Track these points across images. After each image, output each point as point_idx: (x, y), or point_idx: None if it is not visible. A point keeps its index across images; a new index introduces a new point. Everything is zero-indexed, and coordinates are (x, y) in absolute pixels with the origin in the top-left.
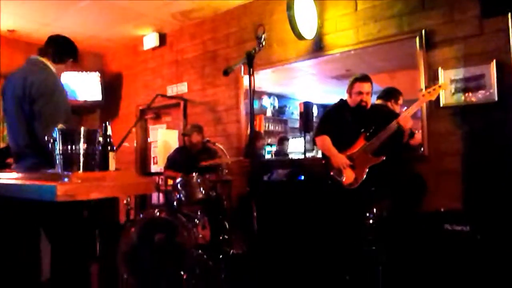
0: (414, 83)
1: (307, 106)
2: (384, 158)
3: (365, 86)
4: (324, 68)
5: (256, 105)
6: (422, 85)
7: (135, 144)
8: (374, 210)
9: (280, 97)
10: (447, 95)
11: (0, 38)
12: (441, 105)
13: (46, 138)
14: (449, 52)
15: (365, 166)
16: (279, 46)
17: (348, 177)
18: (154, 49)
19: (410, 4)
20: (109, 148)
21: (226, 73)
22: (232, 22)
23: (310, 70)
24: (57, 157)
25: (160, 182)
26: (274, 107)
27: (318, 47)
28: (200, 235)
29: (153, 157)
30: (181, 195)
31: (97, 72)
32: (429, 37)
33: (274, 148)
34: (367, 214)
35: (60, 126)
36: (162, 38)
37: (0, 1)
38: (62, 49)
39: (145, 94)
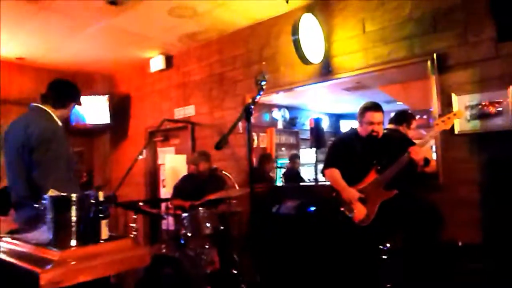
0: (427, 93)
1: (317, 121)
2: (397, 191)
3: (376, 116)
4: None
5: (266, 118)
6: (435, 111)
7: (144, 167)
8: (388, 244)
9: (291, 108)
10: (462, 122)
11: (11, 65)
12: (456, 132)
13: (45, 187)
14: (464, 76)
15: (377, 201)
16: (287, 69)
17: (359, 212)
18: (161, 71)
19: (421, 26)
20: (101, 215)
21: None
22: (238, 44)
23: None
24: (48, 224)
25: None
26: (285, 119)
27: (326, 71)
28: (209, 270)
29: (162, 180)
30: (187, 231)
31: (106, 96)
32: (441, 61)
33: (285, 161)
34: (380, 248)
35: (51, 191)
36: (169, 60)
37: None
38: (63, 94)
39: (153, 116)
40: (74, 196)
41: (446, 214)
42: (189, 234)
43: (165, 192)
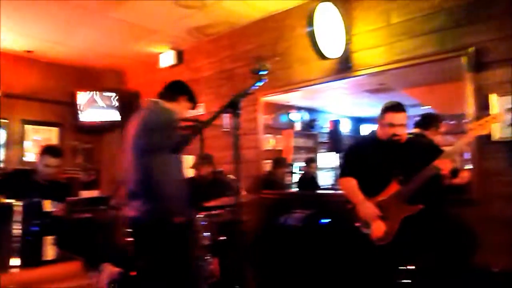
0: (458, 96)
1: (336, 124)
2: (422, 206)
3: (398, 117)
4: (355, 82)
5: (284, 119)
6: (470, 114)
7: None
8: (410, 266)
9: (309, 110)
10: (501, 127)
11: (19, 59)
12: (494, 139)
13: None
14: (504, 74)
15: (399, 217)
16: (302, 65)
17: (377, 230)
18: (171, 67)
19: (455, 17)
20: (47, 230)
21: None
22: (250, 38)
23: (340, 84)
24: None
25: None
26: (303, 121)
27: (345, 67)
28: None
29: None
30: None
31: (115, 92)
32: (478, 56)
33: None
34: (401, 270)
35: None
36: (179, 55)
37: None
38: (172, 89)
39: None
40: (17, 205)
41: (479, 234)
42: None
43: None
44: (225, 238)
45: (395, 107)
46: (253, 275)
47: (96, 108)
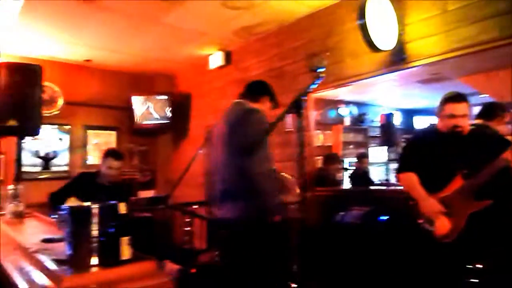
0: None
1: (388, 117)
2: (490, 202)
3: (460, 107)
4: (407, 73)
5: (332, 115)
6: None
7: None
8: (479, 265)
9: (358, 104)
10: None
11: (79, 68)
12: None
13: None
14: None
15: (465, 213)
16: (353, 59)
17: (441, 227)
18: (220, 68)
19: None
20: (122, 231)
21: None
22: (299, 34)
23: (390, 76)
24: (67, 238)
25: None
26: (352, 115)
27: (398, 58)
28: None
29: None
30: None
31: (167, 95)
32: None
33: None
34: (469, 269)
35: (72, 201)
36: (228, 56)
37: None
38: (254, 89)
39: (212, 114)
40: (94, 208)
41: None
42: None
43: None
44: (279, 237)
45: (456, 97)
46: (311, 274)
47: (150, 111)
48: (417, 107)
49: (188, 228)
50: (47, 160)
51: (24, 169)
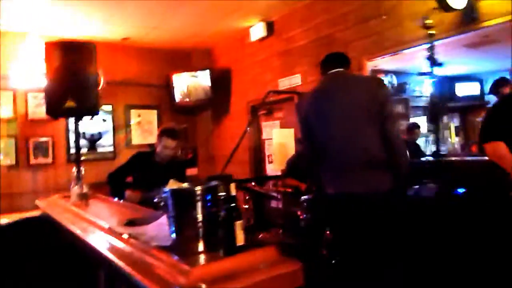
0: None
1: (434, 85)
2: None
3: None
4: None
5: None
6: None
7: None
8: None
9: (398, 73)
10: None
11: (117, 47)
12: None
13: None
14: None
15: None
16: (414, 22)
17: None
18: (261, 40)
19: None
20: (234, 214)
21: None
22: None
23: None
24: (170, 223)
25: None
26: (392, 85)
27: (469, 19)
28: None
29: (268, 156)
30: (308, 217)
31: (207, 70)
32: None
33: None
34: None
35: (172, 183)
36: (270, 27)
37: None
38: (342, 60)
39: (255, 89)
40: (198, 190)
41: None
42: (311, 223)
43: (272, 169)
44: None
45: None
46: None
47: (189, 88)
48: (459, 73)
49: (246, 206)
50: (92, 141)
51: (71, 151)
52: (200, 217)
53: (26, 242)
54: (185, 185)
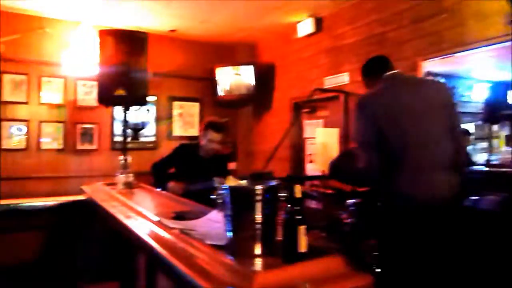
0: None
1: (493, 90)
2: None
3: None
4: None
5: None
6: None
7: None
8: None
9: (447, 77)
10: None
11: (164, 39)
12: None
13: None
14: None
15: None
16: (478, 22)
17: None
18: (309, 36)
19: None
20: (298, 218)
21: None
22: None
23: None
24: (226, 222)
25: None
26: None
27: None
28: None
29: (309, 155)
30: (356, 222)
31: (251, 65)
32: None
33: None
34: None
35: (230, 179)
36: (319, 23)
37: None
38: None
39: (299, 86)
40: (258, 189)
41: None
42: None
43: (312, 169)
44: None
45: None
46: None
47: (233, 82)
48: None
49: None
50: (136, 130)
51: (115, 138)
52: (259, 217)
53: (73, 224)
54: (244, 182)
